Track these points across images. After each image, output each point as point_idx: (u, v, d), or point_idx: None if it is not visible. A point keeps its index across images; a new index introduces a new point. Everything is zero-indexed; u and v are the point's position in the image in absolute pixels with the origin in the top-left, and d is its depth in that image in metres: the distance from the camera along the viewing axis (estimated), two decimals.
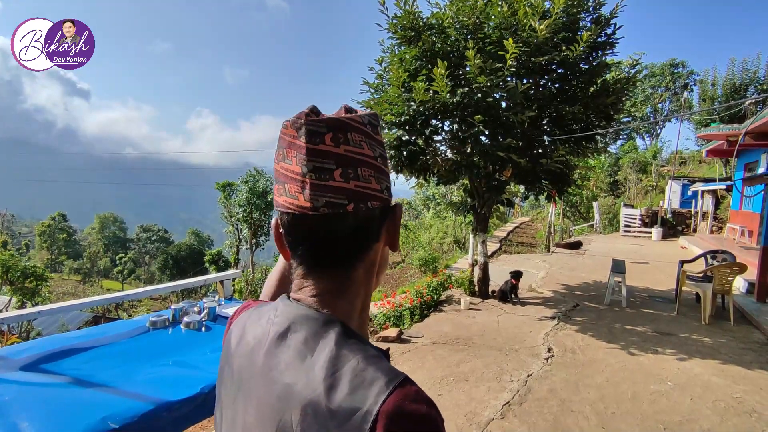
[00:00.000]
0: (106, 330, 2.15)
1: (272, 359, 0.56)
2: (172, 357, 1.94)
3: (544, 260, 11.26)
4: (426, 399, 0.51)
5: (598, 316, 6.37)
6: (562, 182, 6.87)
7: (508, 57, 5.41)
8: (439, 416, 0.50)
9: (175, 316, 2.32)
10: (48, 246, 53.38)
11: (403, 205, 0.76)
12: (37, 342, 1.94)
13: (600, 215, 19.52)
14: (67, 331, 2.46)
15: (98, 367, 1.78)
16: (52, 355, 1.82)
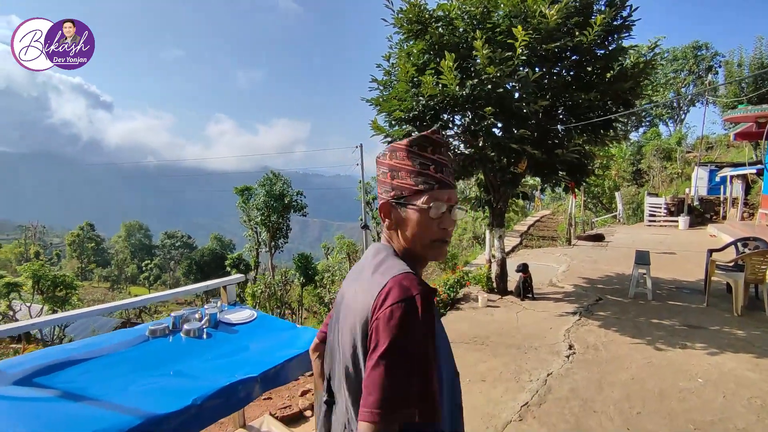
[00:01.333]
0: (106, 340, 2.12)
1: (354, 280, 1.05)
2: (169, 367, 1.90)
3: (565, 253, 10.96)
4: (413, 280, 0.89)
5: (622, 310, 6.13)
6: (580, 173, 6.64)
7: (517, 45, 5.24)
8: (419, 292, 0.86)
9: (175, 324, 2.28)
10: (78, 255, 55.15)
11: (387, 201, 1.04)
12: (33, 355, 1.93)
13: (623, 205, 18.95)
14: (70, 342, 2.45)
15: (93, 380, 1.74)
16: (48, 368, 1.80)
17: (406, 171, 0.99)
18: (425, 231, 0.98)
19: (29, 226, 54.78)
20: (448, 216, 1.00)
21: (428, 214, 0.97)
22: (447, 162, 1.03)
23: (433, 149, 1.01)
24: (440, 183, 0.99)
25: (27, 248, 46.87)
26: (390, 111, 6.15)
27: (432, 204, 0.97)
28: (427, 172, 0.98)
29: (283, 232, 27.42)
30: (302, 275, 23.73)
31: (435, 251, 1.01)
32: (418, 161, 0.99)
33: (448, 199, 1.00)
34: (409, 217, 0.99)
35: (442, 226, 0.99)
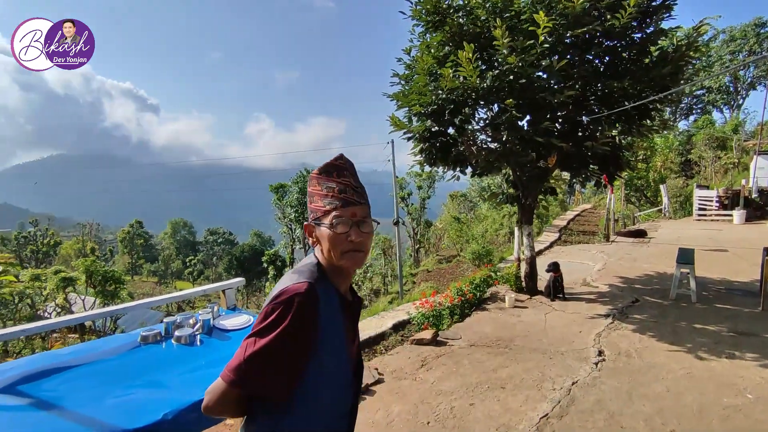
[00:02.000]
0: (98, 346, 2.12)
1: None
2: (152, 376, 1.85)
3: (602, 251, 10.40)
4: (292, 289, 1.05)
5: (661, 313, 5.70)
6: (613, 166, 6.21)
7: (540, 32, 4.93)
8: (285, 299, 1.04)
9: (168, 330, 2.25)
10: (128, 251, 58.26)
11: (309, 223, 1.22)
12: (24, 360, 1.94)
13: (669, 199, 17.80)
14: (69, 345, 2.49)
15: (74, 389, 1.72)
16: (35, 375, 1.80)
17: (317, 195, 1.18)
18: (336, 245, 1.13)
19: (86, 224, 58.32)
20: (356, 230, 1.15)
21: (335, 231, 1.13)
22: (350, 183, 1.18)
23: (337, 173, 1.17)
24: (344, 202, 1.15)
25: (84, 245, 49.97)
26: (409, 105, 5.98)
27: (335, 221, 1.13)
28: (332, 194, 1.16)
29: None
30: None
31: (348, 261, 1.15)
32: (324, 186, 1.17)
33: (352, 214, 1.15)
34: (323, 234, 1.15)
35: (350, 239, 1.13)
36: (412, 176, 26.90)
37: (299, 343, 1.04)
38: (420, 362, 4.52)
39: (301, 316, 1.03)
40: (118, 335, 2.29)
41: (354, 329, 1.27)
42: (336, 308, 1.15)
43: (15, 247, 42.96)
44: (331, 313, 1.12)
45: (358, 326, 1.35)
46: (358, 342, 1.35)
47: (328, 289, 1.15)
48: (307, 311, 1.04)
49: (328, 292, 1.14)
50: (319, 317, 1.07)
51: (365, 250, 1.17)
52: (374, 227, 1.21)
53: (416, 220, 26.91)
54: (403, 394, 3.85)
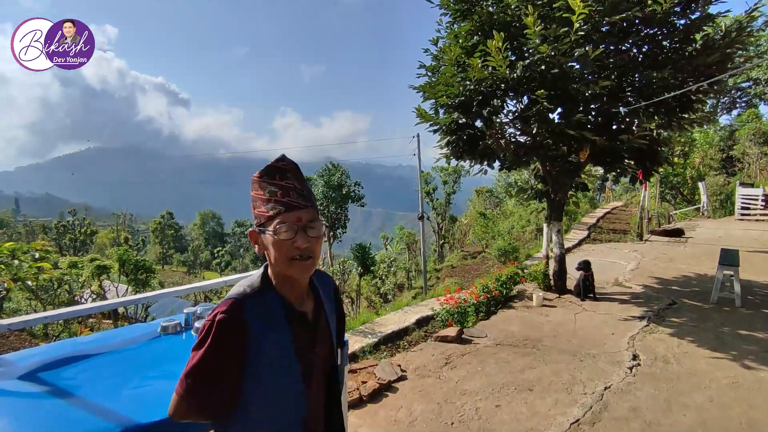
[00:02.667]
0: (118, 335, 2.11)
1: None
2: (168, 367, 1.82)
3: (635, 250, 9.97)
4: (222, 306, 1.07)
5: (702, 318, 5.38)
6: (651, 161, 5.88)
7: (575, 19, 4.68)
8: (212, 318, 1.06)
9: (188, 321, 2.22)
10: (160, 241, 60.14)
11: (253, 230, 1.16)
12: (46, 347, 1.95)
13: (708, 197, 16.94)
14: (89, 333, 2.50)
15: (93, 378, 1.70)
16: (55, 363, 1.79)
17: (260, 200, 1.11)
18: (281, 252, 1.07)
19: (120, 214, 60.46)
20: (302, 235, 1.08)
21: (279, 237, 1.07)
22: (294, 185, 1.11)
23: (281, 176, 1.11)
24: (287, 206, 1.08)
25: (118, 234, 51.85)
26: (436, 97, 5.82)
27: (279, 227, 1.07)
28: (275, 198, 1.09)
29: (341, 222, 27.85)
30: (360, 265, 23.98)
31: (295, 268, 1.10)
32: (267, 189, 1.10)
33: (297, 219, 1.08)
34: (267, 241, 1.09)
35: (296, 245, 1.07)
36: (438, 171, 26.64)
37: (226, 358, 1.04)
38: (444, 360, 4.41)
39: (220, 333, 1.03)
40: (139, 324, 2.28)
41: (311, 336, 1.19)
42: (277, 319, 1.11)
43: (55, 235, 44.99)
44: (267, 326, 1.09)
45: (324, 330, 1.24)
46: (326, 351, 1.25)
47: (270, 300, 1.12)
48: (228, 328, 1.04)
49: (269, 303, 1.11)
50: (247, 332, 1.06)
51: (314, 256, 1.12)
52: (323, 230, 1.16)
53: (441, 215, 26.65)
54: (426, 393, 3.75)
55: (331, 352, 1.27)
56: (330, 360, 1.27)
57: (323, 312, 1.26)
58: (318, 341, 1.22)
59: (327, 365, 1.26)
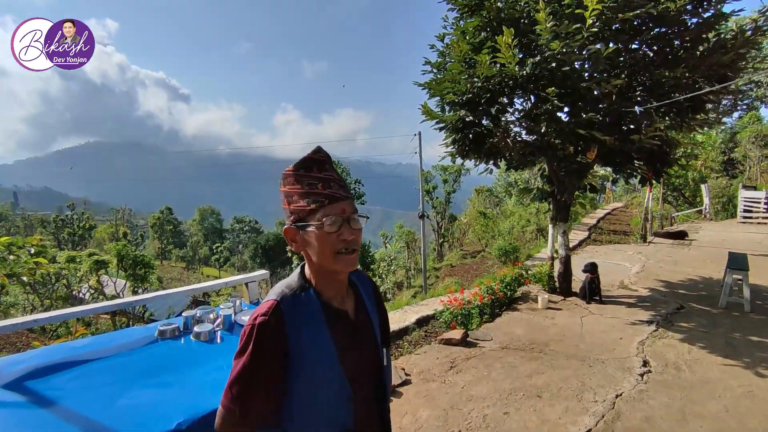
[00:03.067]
0: (113, 339, 1.99)
1: None
2: (166, 375, 1.71)
3: (640, 252, 9.87)
4: (263, 308, 1.05)
5: (711, 323, 5.28)
6: (660, 162, 5.76)
7: (588, 15, 4.55)
8: (254, 321, 1.03)
9: (186, 325, 2.11)
10: (158, 236, 59.96)
11: (289, 226, 1.10)
12: (36, 352, 1.83)
13: (710, 199, 16.85)
14: (88, 336, 2.38)
15: (84, 386, 1.59)
16: (44, 369, 1.68)
17: (297, 194, 1.06)
18: (326, 246, 1.03)
19: (119, 209, 60.25)
20: (347, 227, 1.05)
21: (325, 230, 1.02)
22: (334, 177, 1.08)
23: (319, 167, 1.08)
24: (330, 198, 1.05)
25: (117, 229, 51.66)
26: (442, 94, 5.70)
27: (325, 219, 1.03)
28: (315, 190, 1.05)
29: None
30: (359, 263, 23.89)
31: (341, 263, 1.05)
32: (306, 182, 1.06)
33: (342, 211, 1.05)
34: (310, 236, 1.05)
35: (342, 238, 1.04)
36: (438, 170, 26.55)
37: (270, 363, 1.02)
38: (449, 363, 4.30)
39: (262, 337, 1.01)
40: (136, 328, 2.16)
41: (352, 336, 1.13)
42: (318, 319, 1.07)
43: (53, 229, 44.82)
44: (308, 327, 1.06)
45: (365, 333, 1.18)
46: (370, 352, 1.18)
47: (310, 300, 1.08)
48: (269, 332, 1.02)
49: (309, 303, 1.08)
50: (288, 334, 1.03)
51: (357, 249, 1.09)
52: (364, 222, 1.11)
53: (441, 213, 26.60)
54: (431, 398, 3.65)
55: (376, 352, 1.21)
56: (376, 360, 1.21)
57: (365, 310, 1.21)
58: (362, 341, 1.17)
59: (373, 366, 1.20)
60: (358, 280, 1.25)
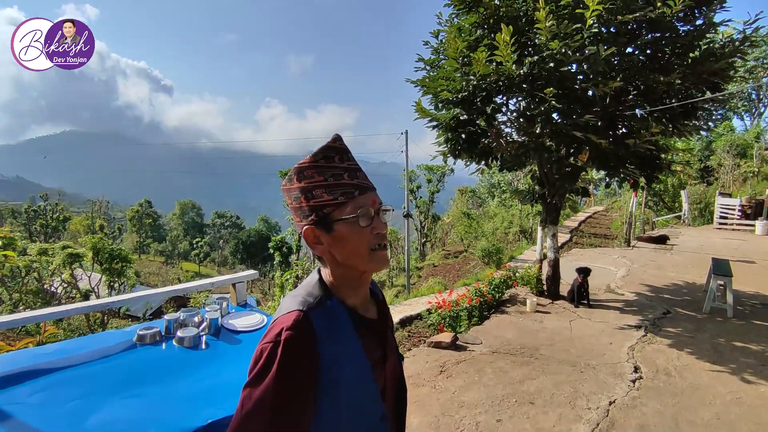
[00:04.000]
0: (86, 344, 1.80)
1: None
2: (145, 387, 1.54)
3: (624, 256, 9.98)
4: (289, 321, 0.86)
5: (697, 328, 5.32)
6: (653, 167, 5.78)
7: (588, 15, 4.50)
8: (285, 337, 0.84)
9: (168, 329, 1.93)
10: (137, 230, 58.49)
11: (311, 226, 0.93)
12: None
13: (689, 205, 17.25)
14: (56, 341, 2.19)
15: (49, 400, 1.41)
16: (4, 379, 1.48)
17: (320, 188, 0.92)
18: (361, 242, 0.91)
19: (96, 201, 58.55)
20: (379, 219, 0.94)
21: (359, 224, 0.91)
22: (358, 166, 0.97)
23: (341, 156, 0.95)
24: (359, 188, 0.93)
25: (93, 221, 50.17)
26: (436, 92, 5.59)
27: (359, 211, 0.91)
28: (342, 181, 0.92)
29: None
30: None
31: (376, 260, 0.94)
32: (329, 173, 0.92)
33: (372, 202, 0.94)
34: (340, 233, 0.91)
35: (376, 232, 0.93)
36: (423, 169, 26.57)
37: (299, 385, 0.84)
38: (439, 368, 4.20)
39: (291, 354, 0.84)
40: (112, 331, 1.97)
41: (382, 347, 1.02)
42: (347, 331, 0.93)
43: (25, 220, 43.23)
44: (338, 340, 0.90)
45: (390, 341, 1.06)
46: (394, 362, 1.06)
47: (335, 309, 0.93)
48: (299, 347, 0.85)
49: (335, 313, 0.93)
50: (318, 349, 0.87)
51: (386, 244, 1.00)
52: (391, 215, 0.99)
53: (424, 213, 26.62)
54: (422, 404, 3.53)
55: (399, 364, 1.11)
56: (399, 373, 1.10)
57: (387, 316, 1.09)
58: (388, 352, 1.04)
59: (397, 380, 1.08)
60: (372, 287, 1.11)
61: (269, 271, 37.60)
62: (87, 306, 2.22)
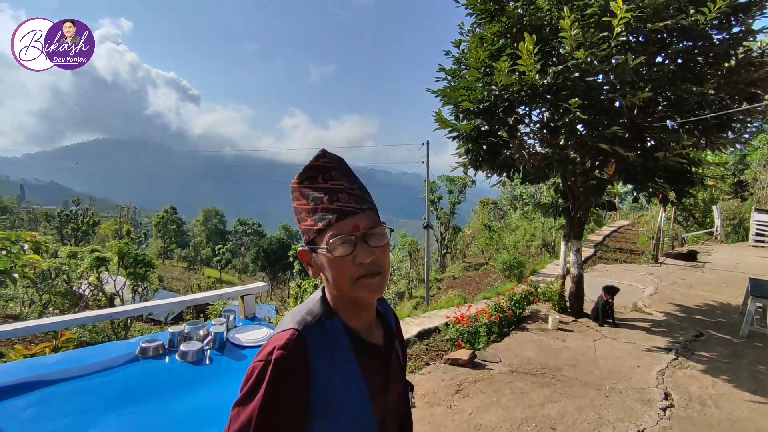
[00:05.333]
0: (88, 355, 1.75)
1: None
2: (145, 404, 1.47)
3: (652, 273, 9.57)
4: (282, 339, 0.81)
5: (734, 353, 4.99)
6: (684, 181, 5.51)
7: (616, 24, 4.34)
8: (270, 352, 0.80)
9: (172, 342, 1.87)
10: (162, 235, 59.89)
11: (302, 249, 0.91)
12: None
13: (722, 221, 16.53)
14: (51, 353, 2.16)
15: (44, 415, 1.36)
16: (1, 390, 1.44)
17: (305, 211, 0.89)
18: (341, 272, 0.85)
19: (124, 206, 60.32)
20: (363, 246, 0.85)
21: (335, 254, 0.84)
22: (342, 185, 0.88)
23: (323, 176, 0.89)
24: (338, 213, 0.86)
25: (121, 226, 51.65)
26: (457, 102, 5.49)
27: (332, 241, 0.84)
28: (321, 205, 0.86)
29: None
30: None
31: (362, 290, 0.85)
32: (311, 197, 0.88)
33: (353, 228, 0.85)
34: (322, 261, 0.87)
35: (358, 261, 0.84)
36: (444, 180, 26.40)
37: (287, 408, 0.80)
38: (455, 386, 4.04)
39: (280, 375, 0.80)
40: (115, 343, 1.93)
41: (384, 375, 0.94)
42: (346, 355, 0.88)
43: (58, 224, 44.82)
44: (334, 364, 0.85)
45: (395, 369, 0.98)
46: (398, 392, 1.00)
47: (334, 330, 0.88)
48: (289, 368, 0.81)
49: (334, 334, 0.88)
50: (311, 372, 0.82)
51: (383, 271, 0.87)
52: (389, 236, 0.90)
53: (445, 224, 26.38)
54: (437, 425, 3.38)
55: (405, 396, 1.05)
56: (404, 406, 1.04)
57: (394, 344, 1.01)
58: (392, 380, 0.97)
59: (401, 410, 1.02)
60: (382, 308, 1.04)
61: (289, 279, 37.84)
62: (98, 315, 2.18)
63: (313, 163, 0.90)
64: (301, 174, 0.90)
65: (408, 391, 1.08)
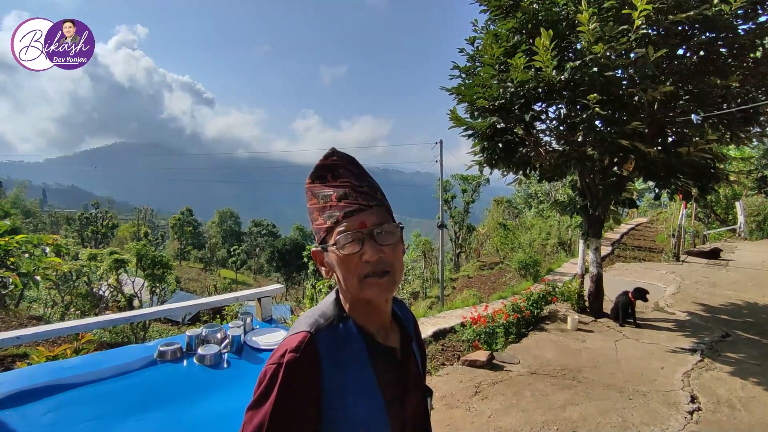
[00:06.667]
0: (106, 359, 1.75)
1: None
2: (163, 408, 1.46)
3: (673, 271, 9.34)
4: (294, 342, 0.81)
5: (763, 355, 4.81)
6: (708, 177, 5.35)
7: (636, 16, 4.23)
8: (281, 355, 0.80)
9: (190, 345, 1.86)
10: (178, 237, 60.82)
11: (315, 249, 0.91)
12: (14, 374, 1.60)
13: (745, 218, 16.06)
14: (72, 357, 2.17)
15: (63, 420, 1.35)
16: (21, 395, 1.44)
17: (315, 211, 0.90)
18: (349, 270, 0.84)
19: (141, 209, 61.44)
20: (371, 243, 0.84)
21: (343, 251, 0.83)
22: (350, 183, 0.88)
23: (332, 175, 0.89)
24: (344, 211, 0.86)
25: (139, 228, 52.59)
26: (472, 100, 5.42)
27: (338, 238, 0.84)
28: (330, 204, 0.87)
29: None
30: None
31: (370, 289, 0.83)
32: (321, 195, 0.89)
33: (360, 225, 0.84)
34: (332, 260, 0.87)
35: (365, 259, 0.83)
36: (458, 179, 26.24)
37: (299, 412, 0.79)
38: (474, 388, 3.98)
39: (292, 379, 0.79)
40: (134, 346, 1.92)
41: (403, 382, 0.91)
42: (360, 359, 0.85)
43: (78, 227, 45.85)
44: (347, 368, 0.84)
45: (413, 375, 0.95)
46: (417, 400, 0.96)
47: (348, 333, 0.86)
48: (300, 372, 0.80)
49: (348, 337, 0.86)
50: (322, 376, 0.81)
51: (392, 270, 0.85)
52: (400, 234, 0.88)
53: (459, 224, 26.21)
54: (455, 428, 3.33)
55: (423, 402, 1.00)
56: (422, 413, 0.99)
57: (412, 348, 0.98)
58: (409, 387, 0.93)
59: (419, 419, 0.98)
60: (400, 311, 1.01)
61: (304, 279, 38.06)
62: (114, 318, 2.19)
63: (322, 162, 0.90)
64: (312, 173, 0.90)
65: (427, 398, 1.05)
